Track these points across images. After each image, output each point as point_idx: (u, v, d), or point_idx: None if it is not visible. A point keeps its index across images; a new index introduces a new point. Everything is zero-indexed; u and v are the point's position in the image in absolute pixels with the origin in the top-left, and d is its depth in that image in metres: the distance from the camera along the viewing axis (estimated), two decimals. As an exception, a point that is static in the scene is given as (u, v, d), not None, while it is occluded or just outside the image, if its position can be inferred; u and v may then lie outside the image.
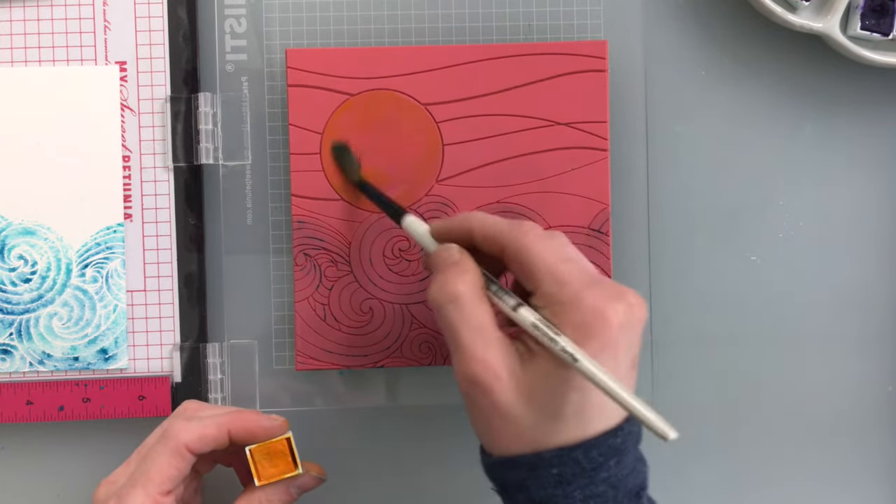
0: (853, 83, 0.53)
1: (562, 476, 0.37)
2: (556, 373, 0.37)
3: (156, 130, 0.51)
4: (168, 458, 0.43)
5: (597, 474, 0.37)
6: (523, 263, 0.39)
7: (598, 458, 0.37)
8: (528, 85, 0.49)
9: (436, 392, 0.52)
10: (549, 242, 0.39)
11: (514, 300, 0.39)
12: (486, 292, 0.40)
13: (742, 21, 0.52)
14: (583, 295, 0.37)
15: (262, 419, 0.45)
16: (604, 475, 0.37)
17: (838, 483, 0.53)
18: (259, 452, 0.44)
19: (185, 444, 0.43)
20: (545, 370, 0.37)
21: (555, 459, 0.37)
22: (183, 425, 0.43)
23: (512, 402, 0.37)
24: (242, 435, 0.44)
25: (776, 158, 0.53)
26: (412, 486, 0.53)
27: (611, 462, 0.38)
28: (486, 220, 0.41)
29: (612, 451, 0.38)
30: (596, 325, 0.36)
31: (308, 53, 0.49)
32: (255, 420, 0.44)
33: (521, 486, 0.38)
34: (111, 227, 0.51)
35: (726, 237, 0.53)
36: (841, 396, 0.53)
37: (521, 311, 0.38)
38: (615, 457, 0.38)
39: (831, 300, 0.53)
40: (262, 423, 0.44)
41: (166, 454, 0.43)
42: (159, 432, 0.44)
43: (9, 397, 0.50)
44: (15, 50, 0.50)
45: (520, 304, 0.39)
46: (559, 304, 0.37)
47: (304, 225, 0.50)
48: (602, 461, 0.37)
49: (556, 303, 0.38)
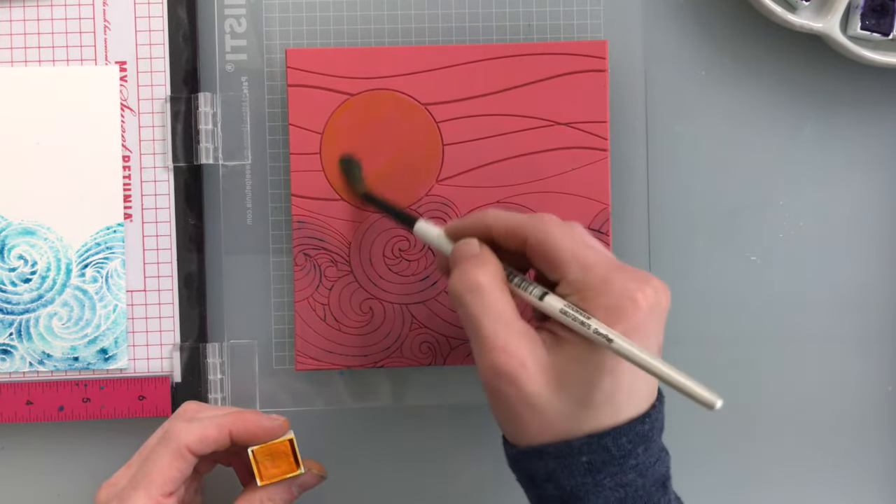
0: (853, 83, 0.53)
1: (591, 464, 0.37)
2: (586, 358, 0.37)
3: (156, 130, 0.51)
4: (169, 459, 0.43)
5: (626, 462, 0.37)
6: (547, 252, 0.39)
7: (626, 445, 0.37)
8: (528, 85, 0.49)
9: (436, 392, 0.52)
10: (571, 230, 0.39)
11: (540, 289, 0.39)
12: (507, 284, 0.39)
13: (742, 21, 0.52)
14: (611, 279, 0.37)
15: (263, 419, 0.44)
16: (632, 462, 0.37)
17: (838, 483, 0.53)
18: (261, 453, 0.44)
19: (187, 445, 0.43)
20: (574, 356, 0.37)
21: (584, 447, 0.37)
22: (184, 427, 0.43)
23: (539, 390, 0.37)
24: (243, 435, 0.44)
25: (776, 158, 0.53)
26: (412, 486, 0.53)
27: (639, 449, 0.37)
28: (503, 215, 0.41)
29: (641, 438, 0.37)
30: (626, 308, 0.36)
31: (308, 53, 0.49)
32: (255, 420, 0.44)
33: (550, 475, 0.38)
34: (111, 227, 0.51)
35: (726, 237, 0.53)
36: (841, 396, 0.53)
37: (547, 299, 0.38)
38: (643, 444, 0.38)
39: (831, 300, 0.53)
40: (263, 423, 0.44)
41: (167, 456, 0.43)
42: (160, 434, 0.44)
43: (9, 397, 0.50)
44: (15, 50, 0.50)
45: (545, 292, 0.38)
46: (587, 289, 0.37)
47: (304, 225, 0.50)
48: (631, 448, 0.37)
49: (584, 288, 0.37)
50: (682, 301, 0.52)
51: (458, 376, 0.51)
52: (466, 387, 0.52)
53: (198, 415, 0.45)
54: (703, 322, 0.53)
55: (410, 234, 0.45)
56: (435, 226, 0.43)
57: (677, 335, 0.52)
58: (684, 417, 0.53)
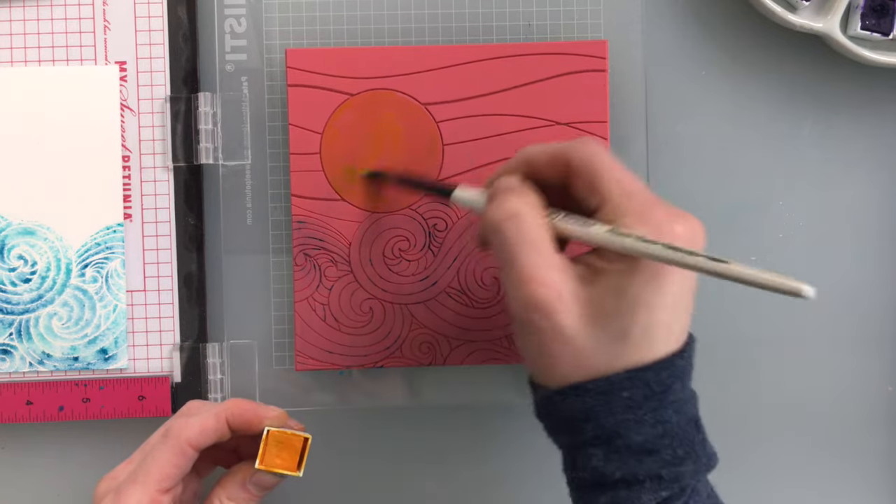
0: (853, 83, 0.53)
1: (632, 400, 0.36)
2: (623, 291, 0.36)
3: (156, 130, 0.51)
4: (169, 455, 0.43)
5: (665, 397, 0.36)
6: (593, 174, 0.38)
7: (666, 380, 0.36)
8: (528, 85, 0.49)
9: (436, 392, 0.52)
10: (614, 158, 0.38)
11: (582, 219, 0.37)
12: (546, 219, 0.38)
13: (742, 21, 0.52)
14: (653, 207, 0.36)
15: (258, 405, 0.45)
16: (671, 398, 0.37)
17: (838, 483, 0.53)
18: (274, 437, 0.44)
19: (187, 440, 0.43)
20: (612, 288, 0.36)
21: (626, 382, 0.36)
22: (184, 422, 0.44)
23: (576, 324, 0.36)
24: (239, 421, 0.44)
25: (776, 158, 0.53)
26: (412, 486, 0.53)
27: (676, 386, 0.37)
28: (544, 146, 0.40)
29: (679, 373, 0.37)
30: (666, 236, 0.36)
31: (308, 53, 0.49)
32: (250, 405, 0.44)
33: (589, 414, 0.37)
34: (111, 227, 0.51)
35: (726, 237, 0.52)
36: (841, 396, 0.53)
37: (594, 227, 0.37)
38: (680, 380, 0.37)
39: (831, 300, 0.53)
40: (258, 409, 0.44)
41: (168, 452, 0.43)
42: (162, 431, 0.45)
43: (9, 397, 0.50)
44: (15, 50, 0.50)
45: (588, 222, 0.37)
46: (628, 214, 0.36)
47: (304, 225, 0.50)
48: (670, 384, 0.37)
49: (626, 214, 0.36)
50: (682, 301, 0.52)
51: (458, 376, 0.51)
52: (466, 387, 0.52)
53: (199, 411, 0.45)
54: (702, 322, 0.53)
55: (445, 202, 0.44)
56: (471, 188, 0.42)
57: (677, 335, 0.52)
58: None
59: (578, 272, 0.37)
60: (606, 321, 0.36)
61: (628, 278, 0.36)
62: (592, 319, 0.36)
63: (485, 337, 0.50)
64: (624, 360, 0.36)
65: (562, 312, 0.36)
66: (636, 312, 0.36)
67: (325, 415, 0.52)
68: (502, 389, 0.51)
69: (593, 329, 0.36)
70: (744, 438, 0.53)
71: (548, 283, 0.36)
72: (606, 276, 0.36)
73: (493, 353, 0.50)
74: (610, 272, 0.36)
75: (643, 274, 0.36)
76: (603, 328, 0.36)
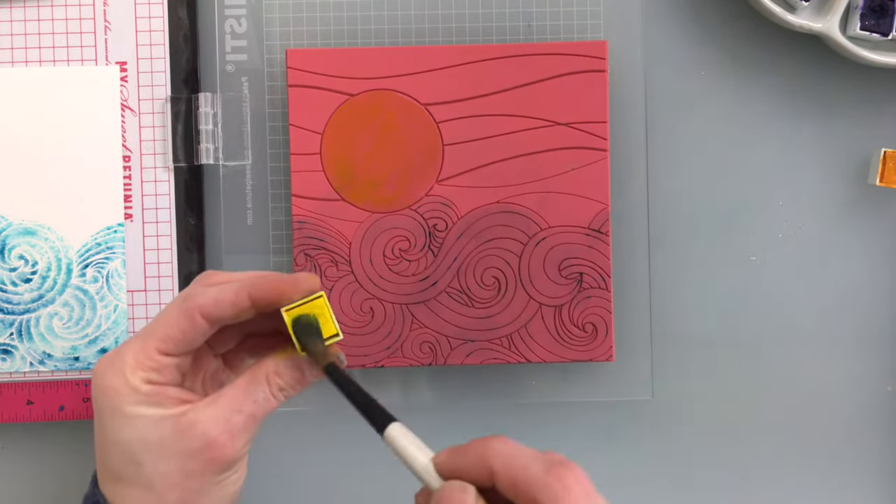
0: (853, 83, 0.53)
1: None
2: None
3: (156, 130, 0.51)
4: (177, 317, 0.39)
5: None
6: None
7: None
8: (527, 85, 0.49)
9: (436, 392, 0.52)
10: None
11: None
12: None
13: (742, 21, 0.52)
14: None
15: (286, 275, 0.39)
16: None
17: (838, 483, 0.53)
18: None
19: (199, 307, 0.39)
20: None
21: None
22: (201, 290, 0.39)
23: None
24: (265, 295, 0.39)
25: (776, 158, 0.53)
26: (412, 487, 0.53)
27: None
28: (512, 459, 0.35)
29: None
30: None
31: (308, 53, 0.49)
32: (278, 277, 0.39)
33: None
34: (111, 227, 0.51)
35: (726, 237, 0.53)
36: (841, 396, 0.53)
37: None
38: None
39: (831, 300, 0.53)
40: (287, 279, 0.39)
41: (176, 314, 0.39)
42: (182, 296, 0.40)
43: (9, 397, 0.50)
44: (15, 50, 0.50)
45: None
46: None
47: (304, 225, 0.50)
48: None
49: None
50: (682, 301, 0.52)
51: (458, 376, 0.51)
52: (466, 387, 0.52)
53: (221, 282, 0.40)
54: (702, 322, 0.53)
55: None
56: (417, 441, 0.38)
57: (677, 335, 0.52)
58: (684, 417, 0.53)
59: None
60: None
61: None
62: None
63: (485, 337, 0.50)
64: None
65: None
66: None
67: (325, 415, 0.52)
68: (502, 389, 0.52)
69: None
70: (743, 438, 0.53)
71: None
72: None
73: (493, 353, 0.50)
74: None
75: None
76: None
